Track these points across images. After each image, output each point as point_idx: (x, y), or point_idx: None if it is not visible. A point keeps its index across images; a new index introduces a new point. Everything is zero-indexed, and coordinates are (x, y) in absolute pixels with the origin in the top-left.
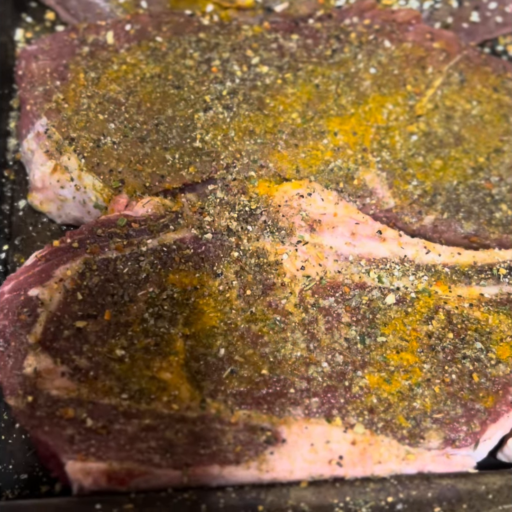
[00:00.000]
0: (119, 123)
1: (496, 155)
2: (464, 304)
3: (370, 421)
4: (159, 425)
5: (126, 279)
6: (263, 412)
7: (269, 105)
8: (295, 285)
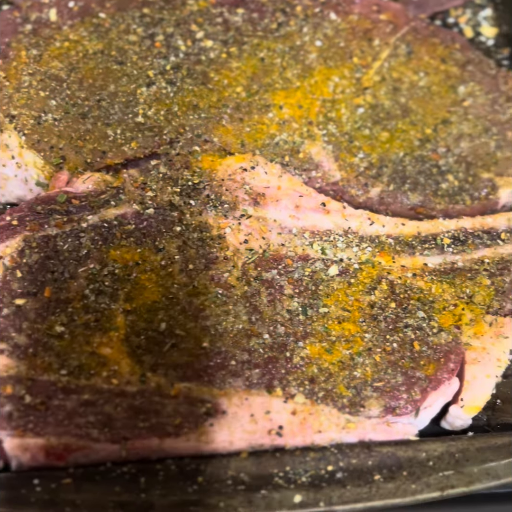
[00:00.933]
0: (60, 99)
1: (443, 126)
2: (408, 274)
3: (311, 391)
4: (98, 400)
5: (66, 256)
6: (203, 384)
7: (214, 79)
8: (237, 259)
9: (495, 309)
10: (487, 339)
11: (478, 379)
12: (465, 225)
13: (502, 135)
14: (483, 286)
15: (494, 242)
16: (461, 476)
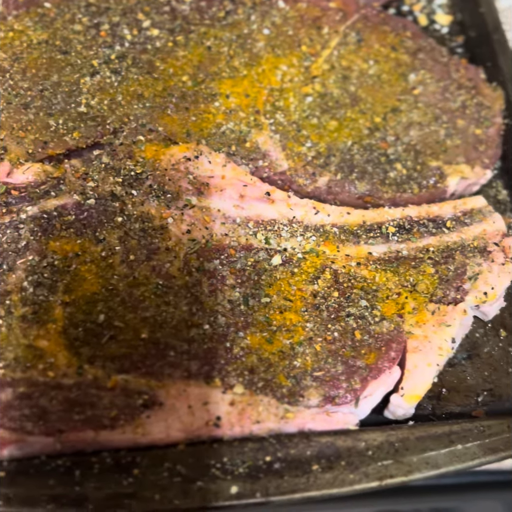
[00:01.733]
0: (3, 90)
1: (393, 115)
2: (352, 263)
3: (250, 381)
4: (34, 392)
5: (5, 248)
6: (141, 376)
7: (159, 68)
8: (179, 249)
9: (439, 298)
10: (429, 328)
11: (419, 368)
12: (411, 214)
13: (452, 123)
14: (427, 275)
15: (440, 231)
16: (400, 465)
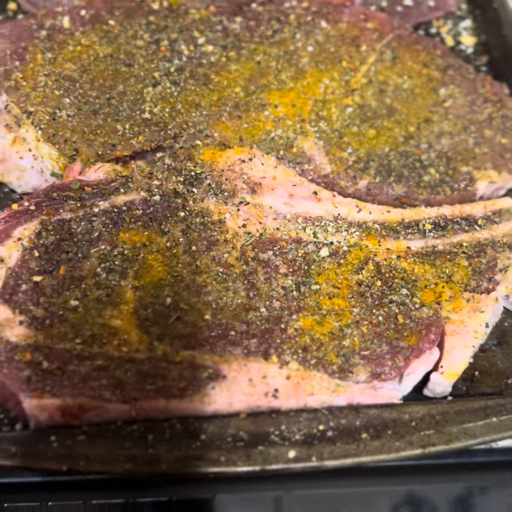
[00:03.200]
0: (73, 98)
1: (425, 125)
2: (392, 256)
3: (304, 359)
4: (110, 365)
5: (79, 238)
6: (205, 352)
7: (214, 80)
8: (237, 241)
9: (472, 287)
10: (465, 314)
11: (457, 349)
12: (445, 213)
13: (479, 133)
14: (461, 267)
15: (472, 228)
16: (441, 435)
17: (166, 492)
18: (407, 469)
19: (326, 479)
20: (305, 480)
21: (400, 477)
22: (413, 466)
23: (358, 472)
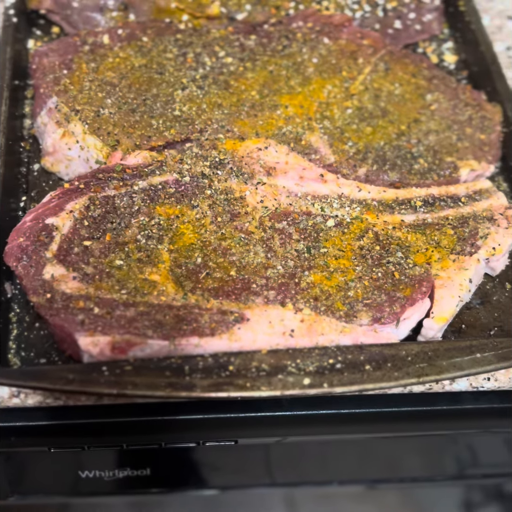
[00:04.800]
0: (114, 99)
1: (415, 124)
2: (389, 227)
3: (315, 306)
4: (151, 311)
5: (122, 211)
6: (231, 300)
7: (233, 85)
8: (256, 213)
9: (458, 251)
10: (451, 271)
11: (445, 299)
12: (433, 192)
13: (461, 130)
14: (448, 235)
15: (456, 204)
16: (433, 367)
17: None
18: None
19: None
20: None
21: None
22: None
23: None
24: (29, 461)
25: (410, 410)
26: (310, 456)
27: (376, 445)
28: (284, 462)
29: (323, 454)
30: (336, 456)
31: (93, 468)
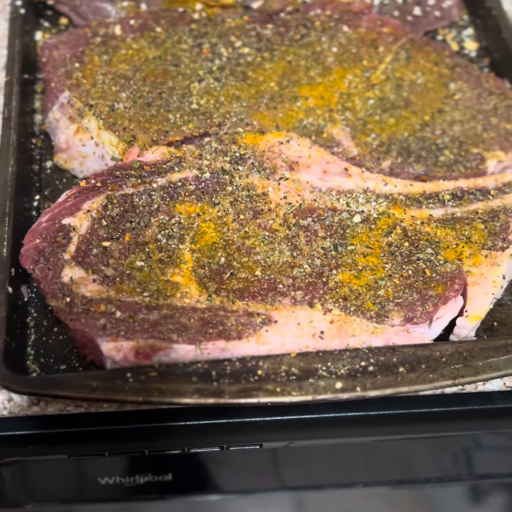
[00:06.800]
0: (129, 93)
1: (438, 114)
2: (417, 222)
3: (344, 306)
4: (175, 313)
5: (141, 210)
6: (258, 302)
7: (251, 77)
8: (279, 210)
9: (489, 246)
10: (484, 267)
11: (478, 296)
12: (461, 185)
13: (486, 120)
14: (478, 230)
15: (485, 198)
16: (468, 368)
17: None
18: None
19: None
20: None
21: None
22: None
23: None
24: (47, 468)
25: (442, 411)
26: (331, 459)
27: (405, 446)
28: (307, 465)
29: (348, 456)
30: (363, 458)
31: (114, 475)
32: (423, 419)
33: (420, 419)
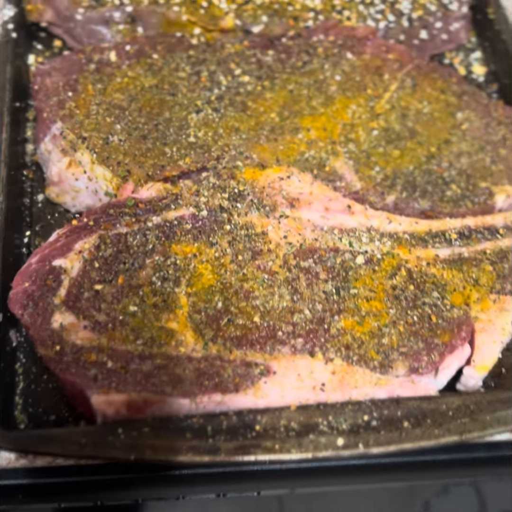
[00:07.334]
0: (124, 124)
1: (445, 145)
2: (422, 263)
3: (347, 356)
4: (169, 364)
5: (135, 250)
6: (256, 351)
7: (251, 107)
8: (279, 250)
9: (498, 290)
10: (492, 313)
11: (486, 344)
12: (469, 223)
13: (495, 152)
14: (486, 272)
15: (494, 237)
16: (476, 423)
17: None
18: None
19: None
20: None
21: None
22: None
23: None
24: None
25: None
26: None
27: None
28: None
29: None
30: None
31: None
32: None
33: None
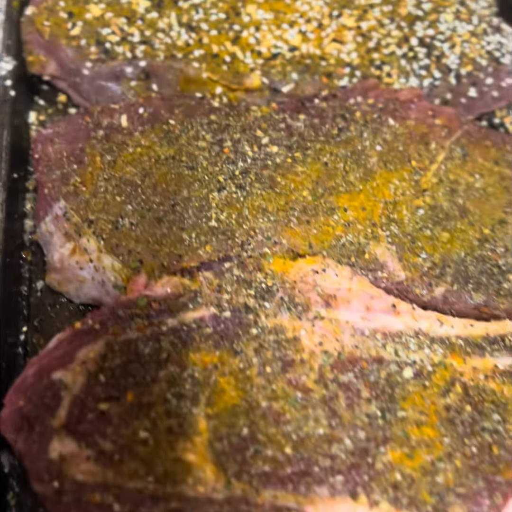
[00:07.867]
0: (136, 204)
1: (500, 226)
2: (480, 376)
3: (395, 498)
4: (186, 507)
5: (147, 359)
6: (288, 491)
7: (280, 183)
8: (314, 361)
9: None
10: None
11: None
12: None
13: None
14: None
15: None
16: None
17: None
18: None
19: None
20: None
21: None
22: None
23: None
24: None
25: None
26: None
27: None
28: None
29: None
30: None
31: None
32: None
33: None
